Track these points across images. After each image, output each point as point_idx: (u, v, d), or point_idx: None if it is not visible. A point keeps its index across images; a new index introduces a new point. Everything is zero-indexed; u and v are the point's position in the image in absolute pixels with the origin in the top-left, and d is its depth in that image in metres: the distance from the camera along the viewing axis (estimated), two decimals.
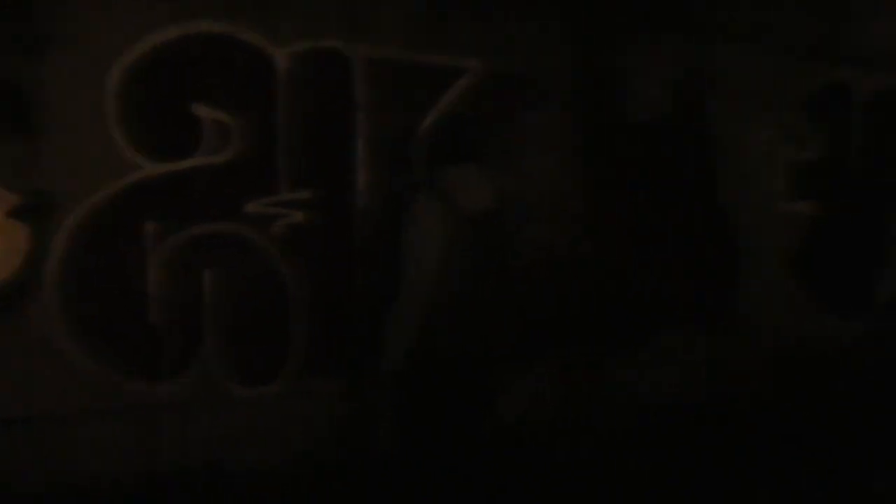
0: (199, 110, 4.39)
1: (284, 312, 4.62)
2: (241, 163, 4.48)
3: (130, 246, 4.26)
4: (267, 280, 4.57)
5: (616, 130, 5.59)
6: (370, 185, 4.75)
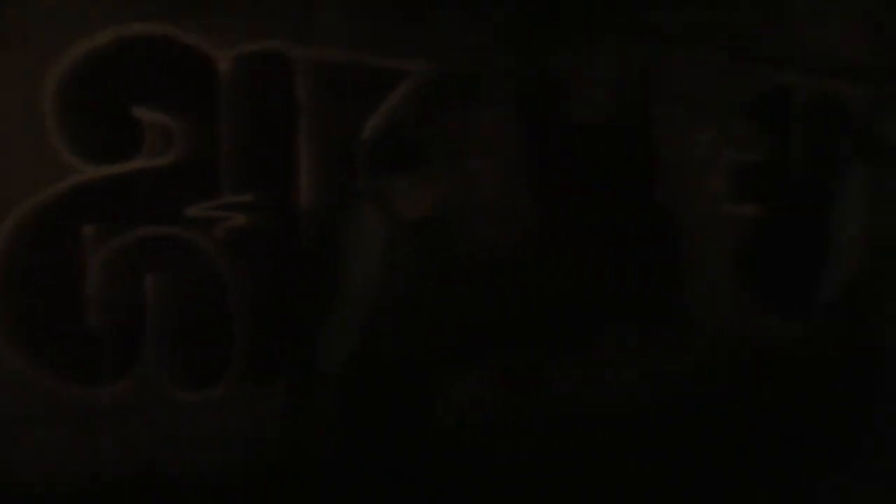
0: (141, 113, 4.35)
1: (227, 315, 4.59)
2: (184, 166, 4.45)
3: (70, 249, 4.20)
4: (209, 283, 4.54)
5: (559, 132, 5.63)
6: (313, 188, 4.74)
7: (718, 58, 6.35)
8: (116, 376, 4.33)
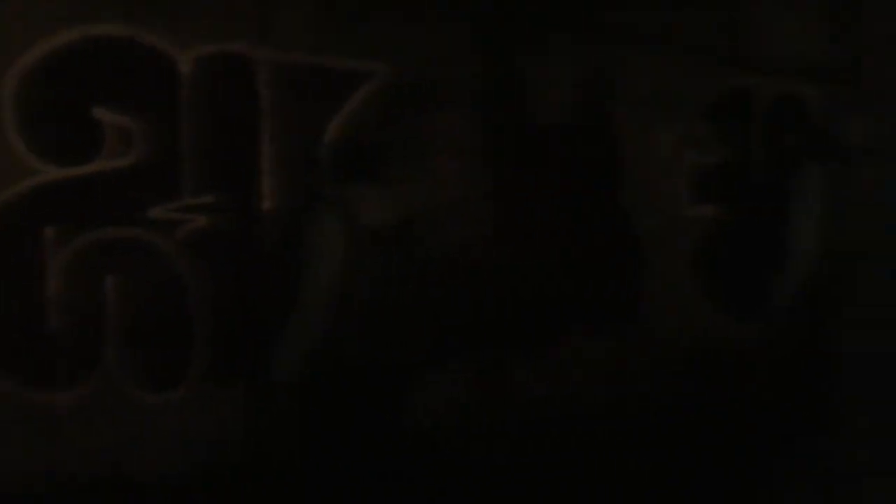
0: (101, 114, 4.32)
1: (188, 318, 4.57)
2: (144, 167, 4.42)
3: (30, 251, 4.17)
4: (170, 285, 4.52)
5: (522, 133, 5.65)
6: (275, 190, 4.73)
7: (679, 59, 6.39)
8: (77, 379, 4.30)
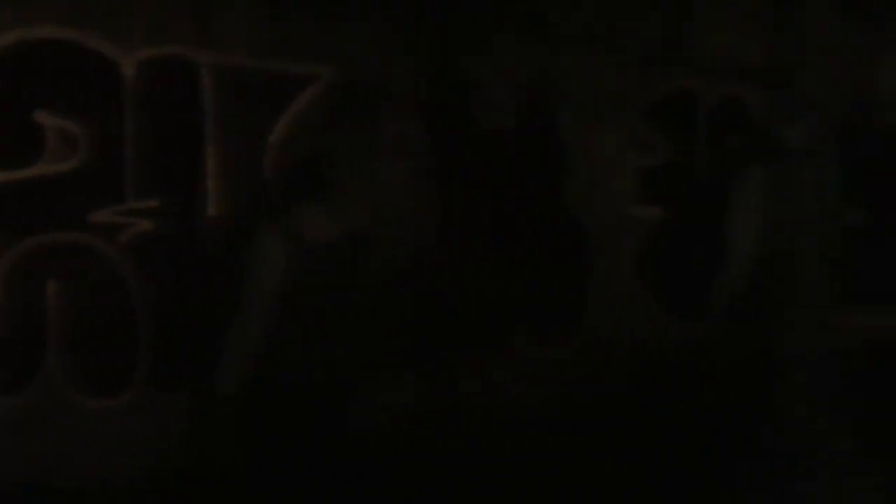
0: (43, 118, 4.30)
1: (132, 323, 4.54)
2: (88, 171, 4.41)
3: None
4: (114, 290, 4.50)
5: (467, 135, 5.68)
6: (219, 194, 4.72)
7: (624, 61, 6.45)
8: (20, 384, 4.27)
